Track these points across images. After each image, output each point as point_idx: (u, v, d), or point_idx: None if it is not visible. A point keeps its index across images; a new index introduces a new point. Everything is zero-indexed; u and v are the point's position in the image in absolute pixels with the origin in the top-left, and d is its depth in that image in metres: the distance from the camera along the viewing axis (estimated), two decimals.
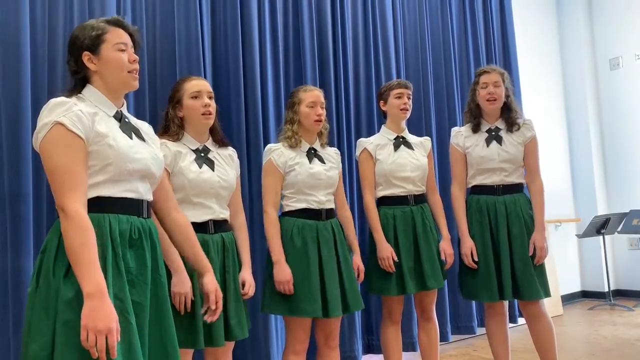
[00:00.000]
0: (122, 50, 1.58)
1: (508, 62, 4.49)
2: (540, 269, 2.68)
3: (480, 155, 2.74)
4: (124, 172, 1.52)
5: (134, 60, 1.60)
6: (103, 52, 1.56)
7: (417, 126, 3.79)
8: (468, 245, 2.71)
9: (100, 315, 1.32)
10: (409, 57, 4.00)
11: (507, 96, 2.76)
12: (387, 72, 3.76)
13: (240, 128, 3.01)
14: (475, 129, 2.80)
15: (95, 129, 1.49)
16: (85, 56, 1.56)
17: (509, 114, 2.77)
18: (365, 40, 3.73)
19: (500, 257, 2.67)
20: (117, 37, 1.58)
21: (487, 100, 2.73)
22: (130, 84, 1.61)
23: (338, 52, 3.52)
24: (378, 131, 3.00)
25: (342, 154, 3.35)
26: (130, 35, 1.63)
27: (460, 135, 2.84)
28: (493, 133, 2.76)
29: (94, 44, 1.56)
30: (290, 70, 3.36)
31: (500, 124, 2.78)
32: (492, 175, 2.74)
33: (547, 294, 2.66)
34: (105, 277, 1.40)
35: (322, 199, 2.45)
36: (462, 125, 2.91)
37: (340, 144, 3.44)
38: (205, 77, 2.92)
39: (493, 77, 2.72)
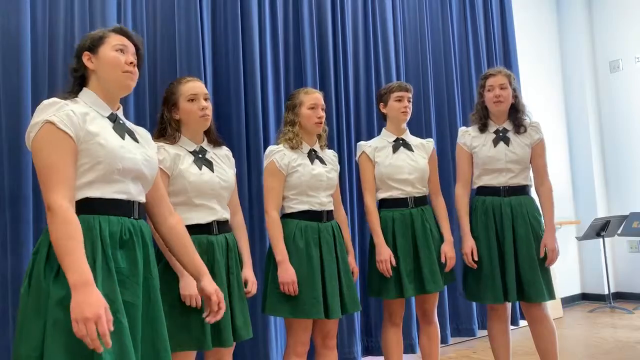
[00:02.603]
0: (121, 52, 1.63)
1: (508, 65, 4.48)
2: (546, 272, 2.67)
3: (487, 155, 2.73)
4: (114, 172, 1.54)
5: (131, 63, 1.63)
6: (101, 52, 1.63)
7: (416, 127, 3.78)
8: (469, 244, 2.70)
9: (87, 303, 1.33)
10: (409, 57, 4.00)
11: (515, 97, 2.76)
12: (387, 73, 3.76)
13: (240, 129, 3.01)
14: (483, 129, 2.79)
15: (87, 128, 1.52)
16: (85, 56, 1.63)
17: (516, 115, 2.76)
18: (365, 42, 3.73)
19: (505, 258, 2.66)
20: (117, 40, 1.65)
21: (494, 103, 2.72)
22: (125, 84, 1.64)
23: (338, 53, 3.52)
24: (378, 133, 2.99)
25: (342, 156, 3.37)
26: (135, 45, 1.68)
27: (468, 134, 2.83)
28: (500, 134, 2.76)
29: (95, 44, 1.64)
30: (290, 72, 3.36)
31: (508, 125, 2.77)
32: (499, 176, 2.74)
33: (552, 296, 2.65)
34: (95, 279, 1.40)
35: (323, 200, 2.45)
36: (464, 126, 2.91)
37: (340, 145, 3.44)
38: (205, 78, 2.92)
39: (499, 80, 2.72)
